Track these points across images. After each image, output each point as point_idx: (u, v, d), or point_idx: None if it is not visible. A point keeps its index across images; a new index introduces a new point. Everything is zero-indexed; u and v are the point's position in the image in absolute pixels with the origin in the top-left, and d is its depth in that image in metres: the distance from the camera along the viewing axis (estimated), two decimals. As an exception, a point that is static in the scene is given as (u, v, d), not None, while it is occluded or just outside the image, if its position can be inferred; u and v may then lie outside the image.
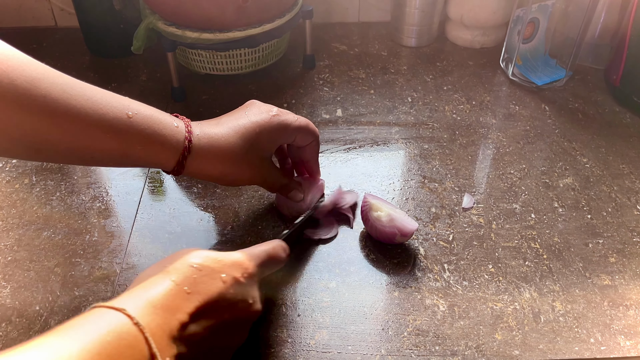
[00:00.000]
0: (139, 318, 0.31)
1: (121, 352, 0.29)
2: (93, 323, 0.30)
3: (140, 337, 0.31)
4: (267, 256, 0.42)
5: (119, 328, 0.30)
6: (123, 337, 0.30)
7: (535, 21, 0.75)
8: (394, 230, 0.51)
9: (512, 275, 0.51)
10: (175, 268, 0.36)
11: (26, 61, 0.39)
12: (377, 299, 0.49)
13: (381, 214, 0.52)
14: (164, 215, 0.57)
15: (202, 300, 0.35)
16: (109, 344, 0.29)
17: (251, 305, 0.39)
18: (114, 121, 0.41)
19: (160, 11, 0.71)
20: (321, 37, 0.89)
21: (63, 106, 0.39)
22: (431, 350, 0.45)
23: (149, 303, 0.33)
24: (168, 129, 0.44)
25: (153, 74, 0.80)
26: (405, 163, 0.64)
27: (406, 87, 0.78)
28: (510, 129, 0.70)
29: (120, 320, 0.31)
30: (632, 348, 0.45)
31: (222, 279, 0.36)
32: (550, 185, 0.61)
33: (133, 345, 0.30)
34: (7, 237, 0.54)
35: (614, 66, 0.75)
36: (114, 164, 0.45)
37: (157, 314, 0.32)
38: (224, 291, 0.36)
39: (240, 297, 0.37)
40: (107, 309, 0.32)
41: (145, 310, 0.32)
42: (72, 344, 0.28)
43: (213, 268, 0.37)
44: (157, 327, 0.32)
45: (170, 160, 0.45)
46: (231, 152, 0.47)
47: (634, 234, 0.56)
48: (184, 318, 0.34)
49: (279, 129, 0.49)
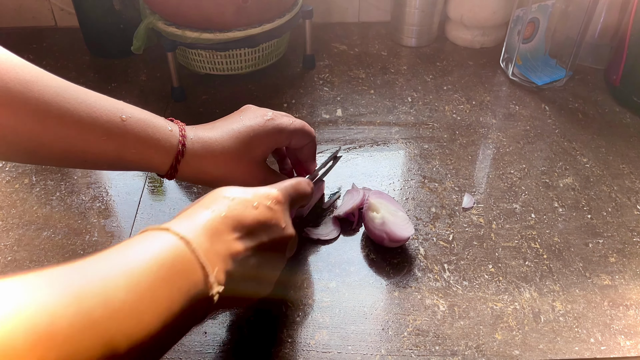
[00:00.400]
0: (188, 238, 0.33)
1: (173, 265, 0.31)
2: (145, 242, 0.32)
3: (188, 252, 0.33)
4: (293, 188, 0.44)
5: (170, 245, 0.33)
6: (172, 252, 0.32)
7: (535, 21, 0.75)
8: (382, 234, 0.51)
9: (512, 275, 0.51)
10: (211, 200, 0.38)
11: (20, 64, 0.39)
12: (377, 299, 0.49)
13: (376, 215, 0.52)
14: (164, 215, 0.57)
15: (240, 224, 0.37)
16: (162, 259, 0.31)
17: (284, 229, 0.41)
18: (108, 124, 0.42)
19: (160, 11, 0.71)
20: (321, 37, 0.89)
21: (56, 109, 0.39)
22: (431, 350, 0.45)
23: (194, 225, 0.35)
24: (162, 133, 0.44)
25: (153, 74, 0.80)
26: (405, 163, 0.64)
27: (406, 87, 0.78)
28: (510, 129, 0.70)
29: (170, 238, 0.33)
30: (632, 348, 0.45)
31: (254, 207, 0.39)
32: (550, 185, 0.61)
33: (183, 259, 0.32)
34: (7, 237, 0.54)
35: (614, 66, 0.75)
36: (107, 167, 0.45)
37: (202, 234, 0.35)
38: (258, 216, 0.39)
39: (273, 221, 0.40)
40: (156, 230, 0.34)
41: (192, 230, 0.34)
42: (130, 260, 0.30)
43: (245, 198, 0.39)
44: (203, 243, 0.34)
45: (164, 164, 0.45)
46: (225, 155, 0.47)
47: (634, 234, 0.56)
48: (227, 238, 0.36)
49: (274, 133, 0.49)
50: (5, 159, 0.42)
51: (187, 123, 0.48)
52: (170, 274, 0.31)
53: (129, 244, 0.32)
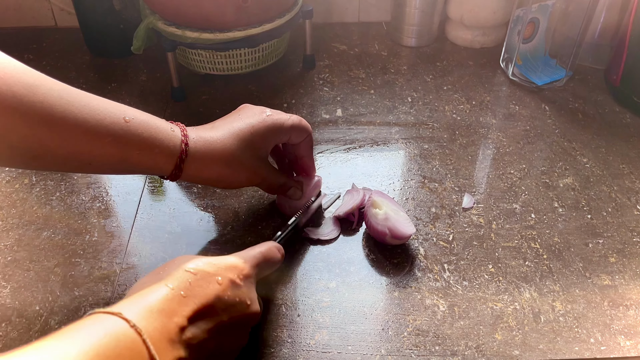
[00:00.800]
0: (137, 322, 0.31)
1: (120, 355, 0.30)
2: (91, 327, 0.30)
3: (138, 340, 0.31)
4: (262, 257, 0.42)
5: (117, 332, 0.30)
6: (121, 340, 0.30)
7: (535, 21, 0.75)
8: (385, 229, 0.51)
9: (512, 275, 0.51)
10: (170, 275, 0.36)
11: (22, 69, 0.39)
12: (377, 299, 0.49)
13: (379, 211, 0.52)
14: (164, 215, 0.57)
15: (199, 303, 0.35)
16: (108, 348, 0.29)
17: (249, 306, 0.39)
18: (112, 126, 0.41)
19: (160, 11, 0.71)
20: (321, 37, 0.89)
21: (61, 112, 0.39)
22: (431, 350, 0.45)
23: (146, 308, 0.33)
24: (164, 134, 0.44)
25: (153, 74, 0.80)
26: (405, 163, 0.64)
27: (406, 87, 0.78)
28: (510, 129, 0.70)
29: (118, 324, 0.31)
30: (632, 348, 0.45)
31: (218, 282, 0.37)
32: (550, 185, 0.61)
33: (131, 348, 0.30)
34: (7, 237, 0.54)
35: (614, 66, 0.75)
36: (111, 171, 0.45)
37: (154, 318, 0.33)
38: (221, 293, 0.37)
39: (237, 298, 0.38)
40: (104, 314, 0.32)
41: (143, 314, 0.32)
42: (71, 348, 0.28)
43: (208, 272, 0.37)
44: (155, 330, 0.32)
45: (167, 165, 0.45)
46: (227, 154, 0.47)
47: (634, 234, 0.56)
48: (182, 321, 0.34)
49: (273, 129, 0.49)
50: (9, 164, 0.42)
51: (187, 123, 0.48)
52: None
53: (77, 327, 0.31)
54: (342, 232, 0.55)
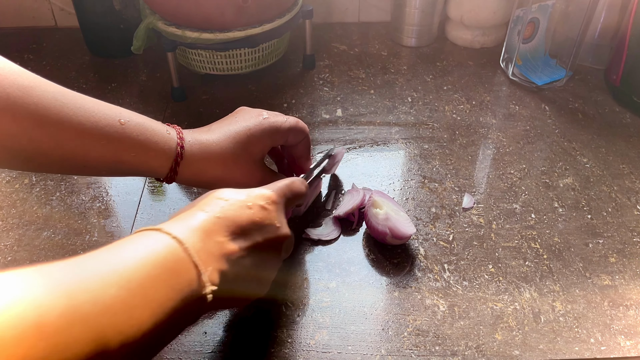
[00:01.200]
0: (181, 237, 0.34)
1: (165, 264, 0.32)
2: (138, 241, 0.33)
3: (181, 250, 0.33)
4: (288, 188, 0.44)
5: (163, 244, 0.33)
6: (167, 252, 0.33)
7: (535, 21, 0.75)
8: (385, 229, 0.51)
9: (512, 275, 0.51)
10: (205, 203, 0.39)
11: (18, 70, 0.39)
12: (377, 299, 0.49)
13: (379, 211, 0.52)
14: (164, 215, 0.57)
15: (234, 224, 0.38)
16: (156, 258, 0.32)
17: (279, 228, 0.41)
18: (107, 128, 0.42)
19: (160, 11, 0.71)
20: (321, 37, 0.89)
21: (55, 113, 0.39)
22: (431, 351, 0.45)
23: (186, 226, 0.35)
24: (160, 136, 0.45)
25: (153, 74, 0.80)
26: (405, 163, 0.64)
27: (406, 87, 0.78)
28: (510, 129, 0.70)
29: (163, 238, 0.33)
30: (632, 348, 0.45)
31: (248, 207, 0.39)
32: (550, 185, 0.61)
33: (176, 259, 0.33)
34: (7, 237, 0.54)
35: (614, 66, 0.75)
36: (107, 173, 0.45)
37: (195, 234, 0.35)
38: (252, 216, 0.39)
39: (267, 221, 0.40)
40: (150, 231, 0.34)
41: (184, 231, 0.35)
42: (120, 259, 0.31)
43: (239, 199, 0.39)
44: (196, 243, 0.34)
45: (163, 167, 0.45)
46: (223, 156, 0.47)
47: (634, 234, 0.56)
48: (221, 239, 0.36)
49: (270, 131, 0.49)
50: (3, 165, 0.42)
51: (187, 123, 0.48)
52: (163, 273, 0.31)
53: (122, 243, 0.33)
54: (342, 232, 0.55)
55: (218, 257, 0.36)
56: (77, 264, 0.29)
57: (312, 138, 0.68)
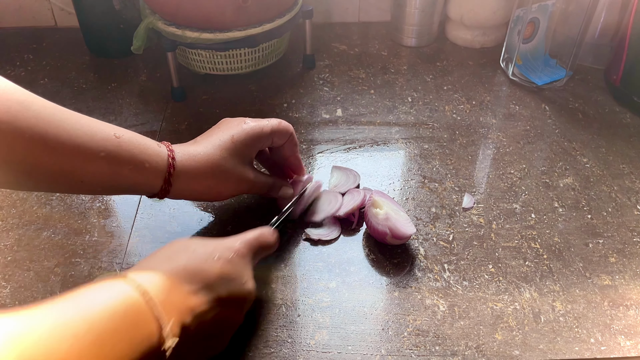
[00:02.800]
0: (146, 287, 0.34)
1: (127, 318, 0.32)
2: (100, 290, 0.33)
3: (144, 305, 0.33)
4: (256, 240, 0.44)
5: (125, 294, 0.33)
6: (128, 303, 0.32)
7: (535, 21, 0.75)
8: (385, 229, 0.51)
9: (512, 275, 0.51)
10: (173, 252, 0.39)
11: (14, 86, 0.40)
12: (377, 299, 0.49)
13: (379, 211, 0.52)
14: (164, 215, 0.57)
15: (200, 278, 0.38)
16: (116, 310, 0.31)
17: (244, 284, 0.41)
18: (103, 142, 0.42)
19: (160, 11, 0.71)
20: (321, 37, 0.89)
21: (54, 127, 0.40)
22: (431, 351, 0.45)
23: (152, 275, 0.36)
24: (152, 149, 0.46)
25: (153, 74, 0.80)
26: (405, 163, 0.64)
27: (406, 87, 0.78)
28: (510, 129, 0.70)
29: (125, 288, 0.33)
30: (632, 348, 0.45)
31: (215, 259, 0.40)
32: (550, 185, 0.61)
33: (138, 310, 0.33)
34: (7, 237, 0.54)
35: (614, 66, 0.75)
36: (102, 190, 0.46)
37: (160, 285, 0.35)
38: (219, 269, 0.39)
39: (233, 275, 0.40)
40: (112, 279, 0.34)
41: (149, 280, 0.35)
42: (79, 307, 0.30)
43: (207, 251, 0.40)
44: (160, 293, 0.34)
45: (157, 180, 0.46)
46: (213, 165, 0.48)
47: (634, 234, 0.56)
48: (185, 291, 0.36)
49: (253, 135, 0.50)
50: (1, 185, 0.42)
51: (187, 123, 0.49)
52: (123, 325, 0.31)
53: (84, 291, 0.32)
54: (342, 232, 0.55)
55: (181, 309, 0.36)
56: (33, 314, 0.28)
57: (312, 138, 0.68)
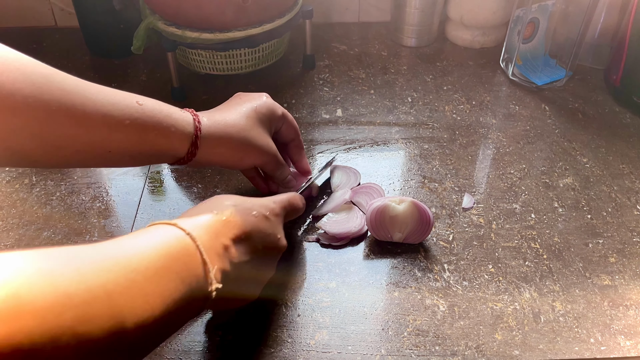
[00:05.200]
0: (193, 234, 0.36)
1: (177, 257, 0.34)
2: (152, 233, 0.35)
3: (193, 246, 0.35)
4: (288, 202, 0.47)
5: (175, 237, 0.35)
6: (179, 245, 0.35)
7: (535, 21, 0.75)
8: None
9: (512, 275, 0.51)
10: (214, 205, 0.41)
11: (34, 60, 0.40)
12: (377, 299, 0.49)
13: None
14: (164, 215, 0.57)
15: (239, 229, 0.40)
16: (168, 250, 0.34)
17: (279, 239, 0.44)
18: (127, 109, 0.42)
19: (160, 11, 0.71)
20: (321, 37, 0.89)
21: (79, 98, 0.40)
22: (431, 350, 0.45)
23: (197, 224, 0.37)
24: (177, 114, 0.46)
25: (153, 74, 0.80)
26: (405, 163, 0.65)
27: (406, 87, 0.78)
28: (510, 129, 0.70)
29: (176, 231, 0.36)
30: (632, 348, 0.45)
31: (254, 215, 0.42)
32: (550, 185, 0.61)
33: (187, 253, 0.35)
34: (7, 237, 0.54)
35: (614, 66, 0.75)
36: (130, 159, 0.45)
37: (204, 233, 0.37)
38: (256, 224, 0.41)
39: (269, 230, 0.43)
40: (163, 224, 0.36)
41: (195, 228, 0.37)
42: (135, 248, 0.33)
43: (245, 207, 0.42)
44: (205, 242, 0.36)
45: (183, 144, 0.46)
46: (238, 130, 0.49)
47: (634, 234, 0.56)
48: (226, 241, 0.38)
49: (273, 110, 0.53)
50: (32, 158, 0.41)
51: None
52: (175, 264, 0.33)
53: (140, 233, 0.35)
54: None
55: (222, 257, 0.37)
56: (100, 249, 0.31)
57: (312, 138, 0.68)
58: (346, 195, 0.57)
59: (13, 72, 0.37)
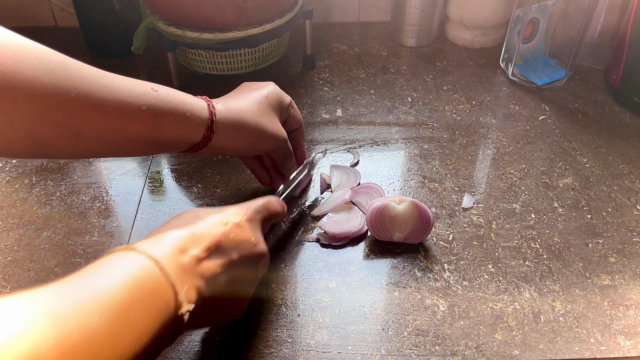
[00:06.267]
0: (156, 256, 0.33)
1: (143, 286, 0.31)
2: (115, 263, 0.32)
3: (159, 272, 0.33)
4: (263, 206, 0.45)
5: (139, 265, 0.33)
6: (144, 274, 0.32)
7: (535, 21, 0.75)
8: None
9: (512, 275, 0.51)
10: (179, 221, 0.39)
11: (50, 50, 0.40)
12: (377, 299, 0.49)
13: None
14: (164, 215, 0.57)
15: (209, 241, 0.38)
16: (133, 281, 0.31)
17: (255, 245, 0.41)
18: (143, 95, 0.42)
19: (160, 11, 0.71)
20: (321, 37, 0.89)
21: (96, 84, 0.40)
22: (431, 350, 0.45)
23: (162, 245, 0.35)
24: (191, 100, 0.46)
25: (153, 74, 0.80)
26: (405, 163, 0.65)
27: (406, 87, 0.78)
28: (510, 129, 0.70)
29: (139, 258, 0.33)
30: (632, 348, 0.45)
31: (223, 224, 0.40)
32: (550, 185, 0.61)
33: (153, 280, 0.32)
34: (7, 237, 0.54)
35: (614, 66, 0.75)
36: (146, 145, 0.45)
37: (170, 253, 0.35)
38: (226, 232, 0.39)
39: (242, 237, 0.40)
40: (124, 251, 0.34)
41: (160, 249, 0.34)
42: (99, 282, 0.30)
43: (214, 217, 0.40)
44: (171, 262, 0.34)
45: (198, 129, 0.46)
46: (252, 115, 0.49)
47: (634, 234, 0.56)
48: (196, 255, 0.36)
49: (282, 97, 0.53)
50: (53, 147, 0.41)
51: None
52: (142, 295, 0.31)
53: (100, 265, 0.32)
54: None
55: (194, 274, 0.35)
56: (59, 290, 0.29)
57: (312, 138, 0.68)
58: (346, 195, 0.57)
59: (31, 60, 0.37)
